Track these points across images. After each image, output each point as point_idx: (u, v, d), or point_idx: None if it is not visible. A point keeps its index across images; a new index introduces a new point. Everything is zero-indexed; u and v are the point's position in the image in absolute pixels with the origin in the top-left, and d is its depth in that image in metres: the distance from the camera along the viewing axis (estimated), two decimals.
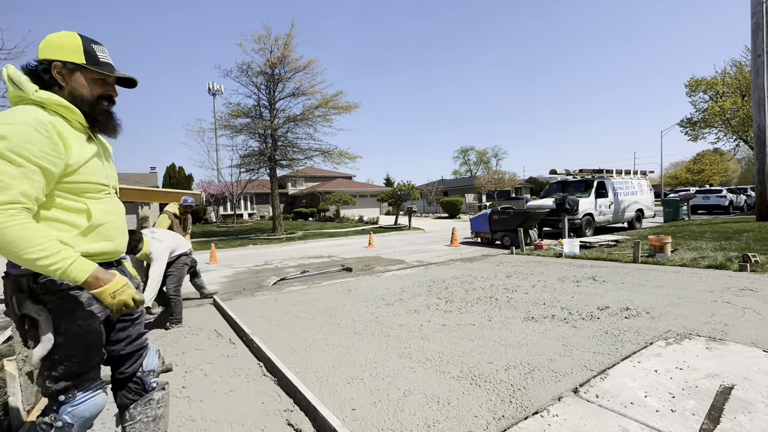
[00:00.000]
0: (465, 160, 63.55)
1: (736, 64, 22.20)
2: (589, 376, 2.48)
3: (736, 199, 21.42)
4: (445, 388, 2.42)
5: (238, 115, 16.69)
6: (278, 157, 16.86)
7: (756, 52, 11.89)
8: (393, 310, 4.40)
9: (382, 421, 2.10)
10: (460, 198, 30.00)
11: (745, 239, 8.25)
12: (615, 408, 2.07)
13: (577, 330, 3.37)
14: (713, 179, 40.39)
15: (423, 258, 9.16)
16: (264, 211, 35.24)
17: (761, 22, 11.69)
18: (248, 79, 16.15)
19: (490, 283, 5.58)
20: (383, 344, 3.29)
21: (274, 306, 4.90)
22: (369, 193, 36.51)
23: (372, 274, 7.07)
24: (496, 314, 3.99)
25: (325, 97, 16.63)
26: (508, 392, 2.33)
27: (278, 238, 15.61)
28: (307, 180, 39.32)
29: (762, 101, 11.77)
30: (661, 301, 4.12)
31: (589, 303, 4.22)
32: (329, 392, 2.46)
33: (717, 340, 2.95)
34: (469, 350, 3.04)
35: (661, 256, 6.64)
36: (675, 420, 1.93)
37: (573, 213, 10.79)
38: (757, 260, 5.58)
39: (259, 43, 15.52)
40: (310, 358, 3.07)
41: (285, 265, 9.00)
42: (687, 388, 2.24)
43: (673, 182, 43.54)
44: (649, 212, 14.68)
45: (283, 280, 6.90)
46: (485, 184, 31.27)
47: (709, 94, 23.12)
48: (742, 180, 50.20)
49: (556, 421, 1.98)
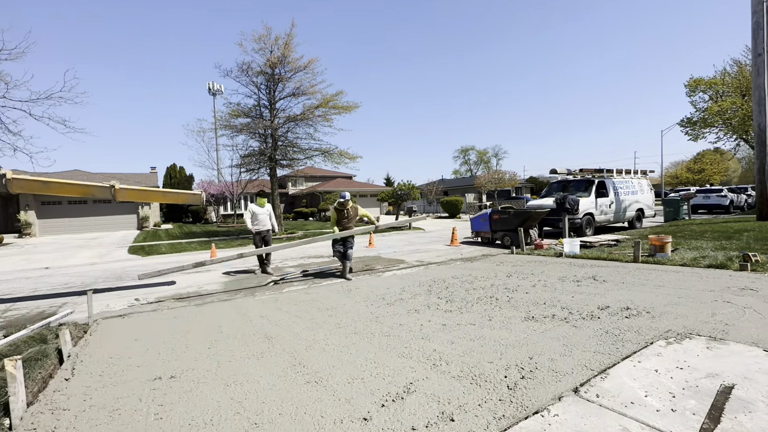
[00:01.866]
0: (465, 160, 63.53)
1: (736, 63, 22.19)
2: (589, 375, 2.48)
3: (737, 199, 21.41)
4: (446, 388, 2.42)
5: (239, 115, 16.69)
6: (278, 157, 16.85)
7: (756, 52, 11.88)
8: (393, 309, 4.40)
9: (383, 420, 2.10)
10: (460, 198, 29.98)
11: (745, 239, 8.24)
12: (615, 407, 2.07)
13: (578, 330, 3.37)
14: (714, 179, 40.36)
15: (423, 258, 9.16)
16: None
17: (761, 21, 11.68)
18: (248, 79, 16.15)
19: (491, 282, 5.58)
20: (383, 344, 3.29)
21: (274, 306, 4.90)
22: (369, 193, 36.50)
23: (372, 273, 7.06)
24: (497, 314, 3.99)
25: (325, 97, 16.63)
26: (509, 392, 2.33)
27: (278, 238, 15.61)
28: (308, 180, 39.31)
29: (762, 100, 11.76)
30: (661, 301, 4.11)
31: (590, 303, 4.22)
32: (329, 392, 2.46)
33: (717, 340, 2.95)
34: (469, 350, 3.04)
35: (662, 256, 6.64)
36: (675, 419, 1.93)
37: (573, 212, 10.79)
38: (757, 260, 5.58)
39: (260, 42, 15.53)
40: (311, 357, 3.07)
41: (285, 264, 9.01)
42: (687, 388, 2.24)
43: (674, 182, 43.48)
44: (649, 212, 14.67)
45: (282, 279, 6.90)
46: (485, 184, 31.24)
47: (708, 94, 23.10)
48: (743, 179, 50.15)
49: (557, 421, 1.98)
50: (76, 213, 22.64)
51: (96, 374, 2.96)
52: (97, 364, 3.18)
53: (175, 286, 6.86)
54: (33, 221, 20.83)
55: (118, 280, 7.65)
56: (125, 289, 6.66)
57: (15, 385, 2.25)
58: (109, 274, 8.43)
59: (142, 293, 6.32)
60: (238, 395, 2.50)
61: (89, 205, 23.05)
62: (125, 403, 2.47)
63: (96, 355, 3.39)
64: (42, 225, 21.42)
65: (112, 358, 3.30)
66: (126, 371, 3.00)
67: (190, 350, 3.42)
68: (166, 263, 10.03)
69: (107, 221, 23.47)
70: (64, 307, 5.56)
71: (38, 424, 2.23)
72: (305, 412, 2.24)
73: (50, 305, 5.70)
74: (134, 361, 3.22)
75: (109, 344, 3.63)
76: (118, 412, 2.35)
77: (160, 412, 2.32)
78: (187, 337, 3.80)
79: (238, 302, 5.22)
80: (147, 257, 11.57)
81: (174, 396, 2.53)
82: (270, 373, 2.81)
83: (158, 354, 3.35)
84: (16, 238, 19.72)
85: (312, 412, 2.24)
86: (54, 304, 5.79)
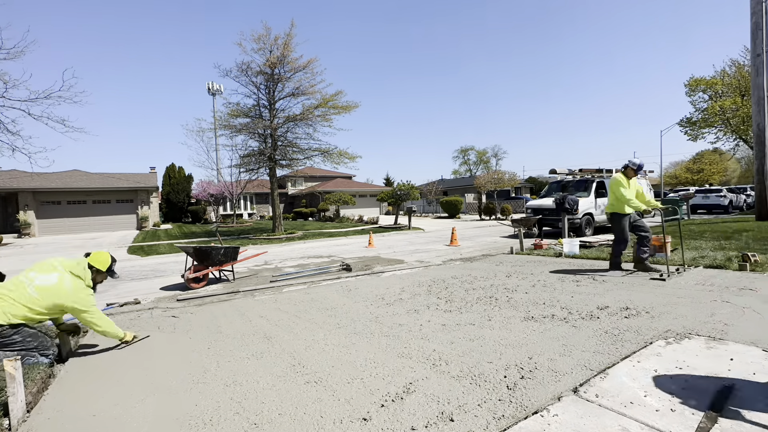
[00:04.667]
0: (465, 160, 63.51)
1: (735, 63, 22.22)
2: (588, 375, 2.48)
3: (736, 199, 21.44)
4: (445, 388, 2.42)
5: (238, 115, 16.68)
6: (278, 157, 16.85)
7: (755, 52, 11.90)
8: (393, 309, 4.40)
9: (383, 420, 2.10)
10: (459, 198, 29.99)
11: (744, 239, 8.25)
12: (615, 407, 2.07)
13: (577, 330, 3.38)
14: (713, 179, 40.39)
15: (423, 258, 9.16)
16: (264, 211, 35.22)
17: (761, 21, 11.70)
18: (248, 79, 16.14)
19: (490, 282, 5.58)
20: (383, 344, 3.29)
21: (273, 306, 4.90)
22: (369, 193, 36.51)
23: (372, 273, 7.07)
24: (496, 314, 3.99)
25: (325, 97, 16.63)
26: (508, 392, 2.33)
27: (278, 237, 15.60)
28: (307, 180, 39.30)
29: (762, 101, 11.78)
30: (660, 301, 4.12)
31: (589, 302, 4.22)
32: (329, 392, 2.46)
33: (717, 340, 2.95)
34: (469, 350, 3.04)
35: (661, 256, 6.64)
36: (675, 419, 1.94)
37: (573, 213, 10.79)
38: (756, 260, 5.58)
39: (259, 42, 15.52)
40: (310, 357, 3.07)
41: (284, 265, 9.00)
42: (687, 388, 2.24)
43: (673, 182, 43.51)
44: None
45: (278, 279, 6.90)
46: (485, 184, 31.20)
47: (708, 94, 23.14)
48: (742, 179, 50.13)
49: (556, 421, 1.99)
50: (76, 213, 22.62)
51: (96, 374, 2.96)
52: (97, 364, 3.18)
53: (176, 286, 6.86)
54: (32, 221, 20.80)
55: (118, 281, 7.64)
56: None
57: (14, 385, 2.25)
58: None
59: (143, 293, 6.31)
60: (238, 395, 2.49)
61: (88, 205, 23.04)
62: (125, 403, 2.46)
63: (96, 356, 3.38)
64: (41, 225, 21.39)
65: (112, 359, 3.30)
66: (126, 371, 3.00)
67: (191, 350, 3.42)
68: (166, 263, 10.02)
69: (106, 221, 23.45)
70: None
71: (37, 427, 2.23)
72: (305, 412, 2.24)
73: None
74: (134, 361, 3.21)
75: (108, 345, 3.62)
76: (119, 411, 2.35)
77: (160, 412, 2.32)
78: (187, 337, 3.79)
79: (238, 302, 5.22)
80: (146, 257, 11.57)
81: (174, 396, 2.53)
82: (270, 373, 2.81)
83: (158, 354, 3.35)
84: (16, 238, 19.69)
85: (312, 412, 2.24)
86: None
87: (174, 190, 31.04)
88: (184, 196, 31.35)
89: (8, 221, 22.33)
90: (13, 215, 21.38)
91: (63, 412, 2.39)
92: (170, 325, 4.25)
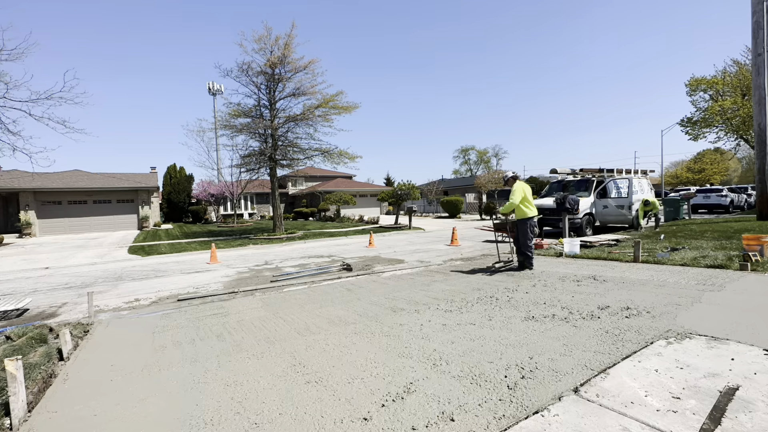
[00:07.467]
0: (465, 160, 63.41)
1: (736, 63, 22.19)
2: (589, 375, 2.48)
3: (737, 198, 21.38)
4: (446, 388, 2.42)
5: (239, 115, 16.68)
6: (278, 157, 16.85)
7: (756, 51, 11.87)
8: (393, 309, 4.39)
9: (383, 420, 2.10)
10: (460, 197, 29.98)
11: None
12: (615, 407, 2.07)
13: (578, 329, 3.37)
14: (714, 178, 40.34)
15: (423, 257, 9.16)
16: (264, 210, 35.25)
17: (762, 21, 11.67)
18: (248, 79, 16.14)
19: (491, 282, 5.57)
20: (383, 344, 3.29)
21: (273, 306, 4.90)
22: (369, 193, 36.50)
23: (372, 273, 7.06)
24: (497, 314, 3.99)
25: (326, 97, 16.62)
26: (509, 392, 2.33)
27: (278, 237, 15.61)
28: (308, 180, 39.31)
29: (763, 100, 11.76)
30: (661, 301, 4.11)
31: (590, 302, 4.22)
32: (329, 392, 2.46)
33: (718, 340, 2.95)
34: (469, 350, 3.04)
35: (662, 256, 6.64)
36: (676, 419, 1.93)
37: (573, 212, 10.79)
38: (757, 259, 5.58)
39: (260, 43, 15.52)
40: (311, 357, 3.07)
41: (285, 264, 9.00)
42: (688, 388, 2.24)
43: (674, 181, 43.46)
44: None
45: (279, 278, 6.90)
46: (485, 184, 31.20)
47: (709, 94, 23.11)
48: (743, 179, 50.08)
49: (557, 421, 1.98)
50: (77, 213, 22.65)
51: (96, 374, 2.96)
52: (97, 364, 3.18)
53: (176, 286, 6.87)
54: (33, 221, 20.84)
55: (118, 281, 7.66)
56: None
57: (15, 385, 2.25)
58: (109, 275, 8.44)
59: (143, 293, 6.32)
60: (238, 395, 2.50)
61: (89, 205, 23.07)
62: (126, 402, 2.47)
63: (96, 355, 3.39)
64: (42, 225, 21.42)
65: (113, 358, 3.30)
66: (126, 371, 3.00)
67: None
68: (166, 263, 10.03)
69: (107, 221, 23.48)
70: (65, 307, 5.57)
71: (38, 426, 2.23)
72: (305, 412, 2.24)
73: (50, 305, 5.70)
74: (134, 361, 3.22)
75: (109, 344, 3.63)
76: (120, 411, 2.36)
77: (161, 412, 2.32)
78: (187, 337, 3.80)
79: (238, 302, 5.22)
80: (147, 257, 11.58)
81: (174, 395, 2.53)
82: (270, 373, 2.82)
83: (159, 354, 3.36)
84: (17, 238, 19.72)
85: (312, 412, 2.24)
86: (54, 303, 5.80)
87: (175, 190, 31.07)
88: (185, 196, 31.37)
89: (9, 221, 22.35)
90: (14, 215, 21.41)
91: (64, 411, 2.39)
92: (170, 325, 4.25)
